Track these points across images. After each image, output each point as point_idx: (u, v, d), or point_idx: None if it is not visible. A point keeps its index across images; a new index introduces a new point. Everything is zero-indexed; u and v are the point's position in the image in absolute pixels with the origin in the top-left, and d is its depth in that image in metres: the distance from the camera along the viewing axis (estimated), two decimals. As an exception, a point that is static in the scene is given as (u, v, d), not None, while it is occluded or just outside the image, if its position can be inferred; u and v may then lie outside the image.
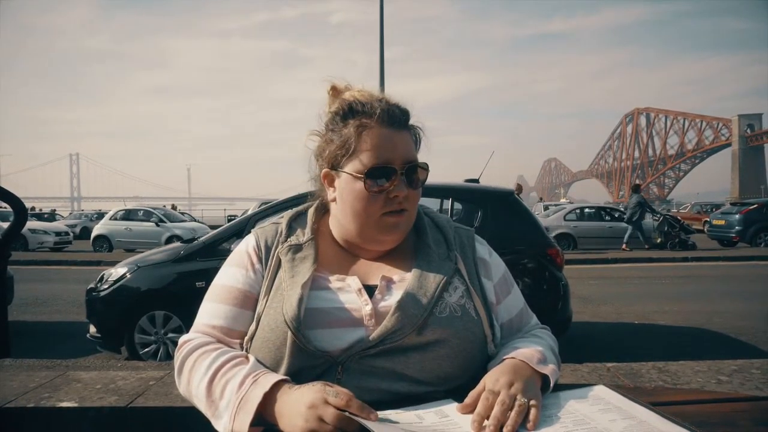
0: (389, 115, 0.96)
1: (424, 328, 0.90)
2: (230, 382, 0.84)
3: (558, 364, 1.01)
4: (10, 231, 2.23)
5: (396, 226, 0.98)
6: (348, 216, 0.99)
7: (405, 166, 0.96)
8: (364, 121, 0.96)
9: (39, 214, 26.12)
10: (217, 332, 0.96)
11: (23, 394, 2.32)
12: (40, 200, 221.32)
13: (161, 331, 4.02)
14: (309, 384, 0.79)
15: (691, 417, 0.76)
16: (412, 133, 1.01)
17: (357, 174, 0.95)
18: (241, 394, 0.82)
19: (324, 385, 0.77)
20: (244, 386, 0.82)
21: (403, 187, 0.95)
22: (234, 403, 0.81)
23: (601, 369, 2.76)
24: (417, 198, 1.00)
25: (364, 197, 0.95)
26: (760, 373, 2.61)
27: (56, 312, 6.42)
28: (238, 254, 1.03)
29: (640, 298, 7.25)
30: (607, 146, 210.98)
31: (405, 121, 0.99)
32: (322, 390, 0.75)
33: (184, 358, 0.93)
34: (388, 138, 0.95)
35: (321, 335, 0.89)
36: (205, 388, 0.86)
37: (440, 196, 4.25)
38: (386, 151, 0.95)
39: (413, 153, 0.99)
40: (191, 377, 0.90)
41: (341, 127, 0.98)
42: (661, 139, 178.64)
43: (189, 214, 23.76)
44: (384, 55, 13.65)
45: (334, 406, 0.73)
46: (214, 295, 1.00)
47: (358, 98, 0.99)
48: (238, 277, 1.00)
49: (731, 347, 4.57)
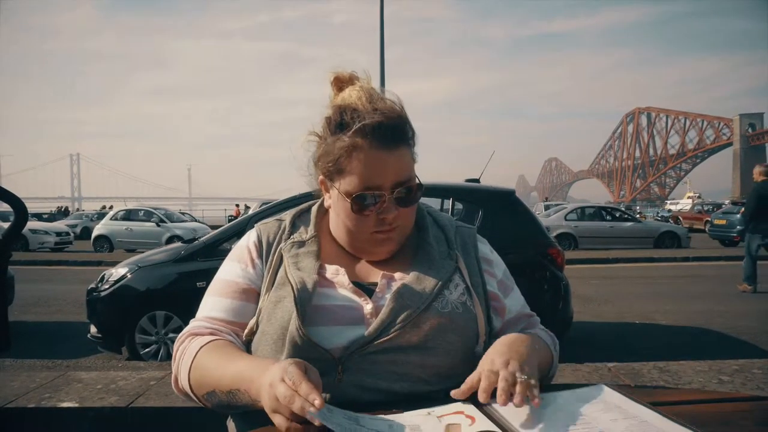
0: (381, 135, 0.91)
1: (422, 322, 0.89)
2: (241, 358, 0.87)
3: (556, 357, 1.01)
4: (10, 231, 2.23)
5: (387, 242, 0.97)
6: (340, 227, 1.00)
7: (395, 189, 0.93)
8: (355, 140, 0.91)
9: (65, 212, 26.24)
10: (218, 323, 0.96)
11: (24, 394, 2.32)
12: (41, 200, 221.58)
13: (162, 332, 4.02)
14: (283, 362, 0.76)
15: (692, 417, 0.76)
16: (407, 146, 0.95)
17: (345, 195, 0.94)
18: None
19: (291, 362, 0.74)
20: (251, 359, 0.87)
21: (393, 209, 0.93)
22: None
23: (602, 369, 2.76)
24: (411, 212, 0.98)
25: (353, 217, 0.95)
26: (762, 373, 2.61)
27: (57, 312, 6.42)
28: (239, 249, 1.04)
29: (641, 297, 7.25)
30: (608, 146, 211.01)
31: (399, 138, 0.93)
32: (284, 369, 0.73)
33: (184, 347, 0.94)
34: (378, 160, 0.91)
35: (322, 332, 0.88)
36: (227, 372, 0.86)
37: (441, 196, 4.24)
38: (375, 175, 0.91)
39: (406, 172, 0.94)
40: (196, 365, 0.89)
41: (333, 139, 0.94)
42: (662, 139, 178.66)
43: (189, 214, 23.78)
44: (384, 55, 13.64)
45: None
46: (215, 289, 1.00)
47: (354, 106, 0.94)
48: (238, 272, 1.00)
49: (732, 347, 4.57)
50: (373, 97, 0.96)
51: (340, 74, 1.02)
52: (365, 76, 1.01)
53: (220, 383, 0.85)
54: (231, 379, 0.83)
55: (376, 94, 0.97)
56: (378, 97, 0.96)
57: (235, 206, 26.98)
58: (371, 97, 0.95)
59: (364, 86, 0.98)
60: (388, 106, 0.95)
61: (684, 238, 14.43)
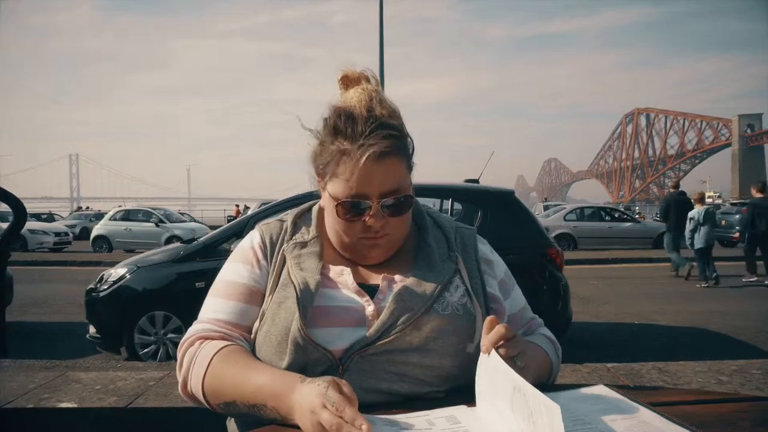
0: (372, 144, 0.89)
1: (423, 324, 0.89)
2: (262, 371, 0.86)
3: (556, 363, 1.02)
4: (9, 231, 2.23)
5: (374, 248, 0.97)
6: (331, 230, 1.00)
7: (382, 198, 0.92)
8: (346, 147, 0.91)
9: (96, 213, 25.87)
10: (226, 326, 0.95)
11: (23, 394, 2.32)
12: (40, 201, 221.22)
13: (161, 332, 4.02)
14: (315, 382, 0.76)
15: (692, 417, 0.76)
16: (399, 155, 0.93)
17: (334, 199, 0.94)
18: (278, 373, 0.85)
19: (328, 385, 0.74)
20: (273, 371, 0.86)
21: (380, 217, 0.92)
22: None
23: (601, 369, 2.76)
24: (401, 222, 0.97)
25: (341, 222, 0.95)
26: (761, 373, 2.61)
27: (56, 312, 6.41)
28: (243, 250, 1.03)
29: (640, 298, 7.25)
30: (607, 146, 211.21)
31: (391, 148, 0.91)
32: (323, 395, 0.73)
33: (195, 349, 0.93)
34: (366, 171, 0.90)
35: (324, 333, 0.88)
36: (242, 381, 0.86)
37: (440, 197, 4.25)
38: (363, 184, 0.90)
39: (395, 182, 0.92)
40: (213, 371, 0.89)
41: (328, 142, 0.94)
42: (661, 139, 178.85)
43: (188, 215, 23.76)
44: (384, 55, 13.66)
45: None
46: (219, 290, 0.99)
47: (351, 110, 0.93)
48: (243, 273, 0.99)
49: (731, 347, 4.57)
50: (374, 101, 0.94)
51: (349, 73, 1.01)
52: (372, 79, 1.00)
53: (243, 395, 0.84)
54: (254, 392, 0.83)
55: (378, 98, 0.95)
56: (378, 102, 0.95)
57: (235, 206, 26.97)
58: (371, 100, 0.94)
59: (367, 88, 0.97)
60: (386, 113, 0.94)
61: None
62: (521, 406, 0.70)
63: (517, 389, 0.71)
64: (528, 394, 0.68)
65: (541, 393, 0.66)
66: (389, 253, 1.00)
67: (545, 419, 0.64)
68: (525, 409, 0.69)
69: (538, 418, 0.66)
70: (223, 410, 0.90)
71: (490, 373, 0.79)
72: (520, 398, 0.70)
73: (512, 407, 0.72)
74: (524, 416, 0.69)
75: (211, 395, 0.89)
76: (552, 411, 0.63)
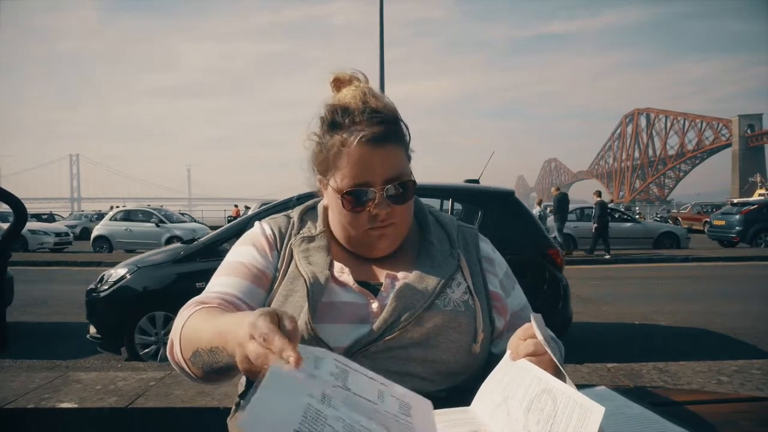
0: (371, 131, 0.91)
1: (425, 320, 0.90)
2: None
3: (561, 359, 1.02)
4: (10, 232, 2.23)
5: (382, 238, 0.97)
6: (337, 225, 1.00)
7: (385, 185, 0.93)
8: (345, 138, 0.92)
9: (97, 213, 25.84)
10: (225, 296, 0.92)
11: (23, 394, 2.32)
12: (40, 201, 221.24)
13: (161, 332, 4.02)
14: (250, 314, 0.66)
15: (692, 417, 0.76)
16: (398, 143, 0.95)
17: (337, 192, 0.94)
18: None
19: (260, 314, 0.64)
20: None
21: (385, 205, 0.93)
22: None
23: (601, 369, 2.76)
24: (405, 210, 0.97)
25: (346, 214, 0.95)
26: (761, 373, 2.61)
27: (56, 313, 6.41)
28: (254, 235, 1.02)
29: (641, 298, 7.25)
30: (608, 147, 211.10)
31: (389, 134, 0.93)
32: (252, 324, 0.63)
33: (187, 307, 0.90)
34: (367, 158, 0.91)
35: (329, 329, 0.89)
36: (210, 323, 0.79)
37: (440, 197, 4.25)
38: (364, 172, 0.91)
39: (397, 169, 0.93)
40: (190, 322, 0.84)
41: (328, 138, 0.95)
42: (661, 140, 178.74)
43: (189, 215, 23.76)
44: (384, 56, 13.65)
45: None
46: (227, 269, 0.98)
47: (346, 104, 0.95)
48: (254, 255, 0.98)
49: (731, 348, 4.57)
50: (367, 95, 0.96)
51: (340, 75, 1.02)
52: (363, 77, 1.02)
53: (202, 341, 0.79)
54: (211, 335, 0.76)
55: (371, 93, 0.97)
56: (371, 96, 0.96)
57: (235, 207, 26.97)
58: (365, 95, 0.96)
59: (360, 86, 0.99)
60: (380, 104, 0.95)
61: (683, 239, 14.42)
62: (541, 409, 0.68)
63: (546, 391, 0.69)
64: (559, 398, 0.66)
65: (583, 395, 0.63)
66: (396, 244, 1.00)
67: (577, 420, 0.62)
68: (546, 412, 0.67)
69: (563, 419, 0.64)
70: (194, 366, 0.83)
71: (512, 375, 0.77)
72: (547, 400, 0.68)
73: (528, 410, 0.70)
74: (539, 419, 0.67)
75: (184, 349, 0.84)
76: (594, 413, 0.60)
